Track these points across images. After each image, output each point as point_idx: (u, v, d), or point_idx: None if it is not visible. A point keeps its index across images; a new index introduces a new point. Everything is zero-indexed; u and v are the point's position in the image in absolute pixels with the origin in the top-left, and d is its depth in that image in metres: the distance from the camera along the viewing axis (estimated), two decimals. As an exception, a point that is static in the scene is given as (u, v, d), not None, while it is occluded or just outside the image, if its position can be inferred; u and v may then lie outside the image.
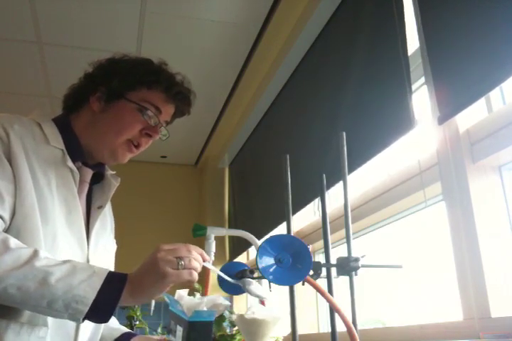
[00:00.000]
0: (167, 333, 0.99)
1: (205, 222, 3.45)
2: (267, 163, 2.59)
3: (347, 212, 0.90)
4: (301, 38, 2.10)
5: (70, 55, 2.46)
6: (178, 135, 3.48)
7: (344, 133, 0.95)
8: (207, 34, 2.34)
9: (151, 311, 2.92)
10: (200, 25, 2.27)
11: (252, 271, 1.07)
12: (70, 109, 1.17)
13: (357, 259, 0.86)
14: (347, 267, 0.86)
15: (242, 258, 3.14)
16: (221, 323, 1.84)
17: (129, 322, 2.24)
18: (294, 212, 1.94)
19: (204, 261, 0.91)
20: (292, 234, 0.95)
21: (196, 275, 0.89)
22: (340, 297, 0.93)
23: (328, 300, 0.82)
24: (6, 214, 0.94)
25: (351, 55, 1.72)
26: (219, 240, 1.06)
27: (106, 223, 1.22)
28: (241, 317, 0.97)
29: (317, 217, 2.34)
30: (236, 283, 0.94)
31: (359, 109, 1.62)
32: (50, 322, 0.98)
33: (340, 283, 0.92)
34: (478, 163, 1.23)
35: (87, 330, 1.09)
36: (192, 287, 0.88)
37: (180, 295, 0.90)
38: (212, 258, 1.01)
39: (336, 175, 1.00)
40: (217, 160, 3.64)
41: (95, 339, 1.13)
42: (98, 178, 1.20)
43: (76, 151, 1.11)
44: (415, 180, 1.47)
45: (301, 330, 1.89)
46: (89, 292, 0.85)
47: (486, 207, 1.20)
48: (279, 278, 0.78)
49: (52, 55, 2.48)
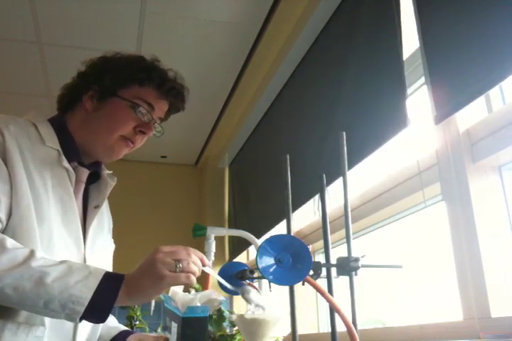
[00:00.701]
0: (163, 330, 0.99)
1: (205, 222, 3.45)
2: (267, 163, 2.59)
3: (347, 212, 0.90)
4: (300, 38, 2.10)
5: (70, 55, 2.46)
6: (178, 135, 3.48)
7: (344, 133, 0.95)
8: (207, 34, 2.34)
9: (151, 311, 2.92)
10: (200, 25, 2.27)
11: (252, 271, 1.07)
12: (64, 109, 1.18)
13: (357, 259, 0.86)
14: (347, 267, 0.86)
15: (242, 258, 3.14)
16: (221, 323, 1.84)
17: (129, 322, 2.24)
18: (293, 210, 1.94)
19: (204, 265, 0.91)
20: (292, 234, 0.95)
21: (194, 279, 0.88)
22: (340, 297, 0.93)
23: (328, 300, 0.82)
24: (3, 215, 0.95)
25: (349, 55, 1.72)
26: (218, 240, 1.06)
27: (103, 222, 1.22)
28: (241, 317, 0.97)
29: (317, 217, 2.34)
30: (235, 290, 0.94)
31: (356, 108, 1.62)
32: (47, 322, 0.98)
33: (340, 283, 0.92)
34: (478, 163, 1.23)
35: (85, 330, 1.09)
36: (189, 287, 0.88)
37: (174, 291, 0.90)
38: (212, 258, 1.01)
39: (335, 174, 1.00)
40: (217, 160, 3.64)
41: (93, 339, 1.14)
42: (95, 178, 1.20)
43: (72, 151, 1.11)
44: (415, 180, 1.47)
45: (301, 330, 1.89)
46: (85, 292, 0.85)
47: (486, 207, 1.20)
48: (279, 278, 0.78)
49: (52, 55, 2.48)
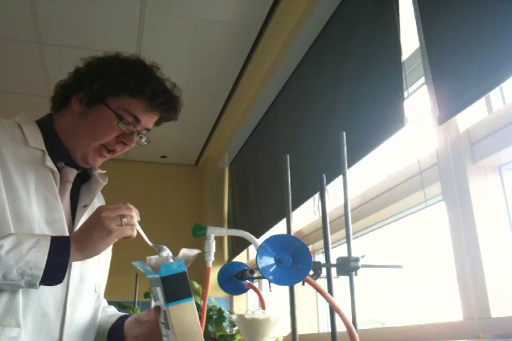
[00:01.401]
0: (154, 300, 1.00)
1: (205, 222, 3.45)
2: (267, 162, 2.59)
3: (347, 212, 0.90)
4: (300, 38, 2.10)
5: (70, 55, 2.46)
6: (178, 135, 3.48)
7: (344, 134, 0.95)
8: (207, 34, 2.34)
9: (151, 311, 2.91)
10: (200, 25, 2.27)
11: (252, 271, 1.07)
12: (55, 108, 1.18)
13: (357, 259, 0.86)
14: (347, 267, 0.86)
15: (242, 258, 3.15)
16: (221, 323, 1.84)
17: (129, 322, 2.24)
18: (292, 209, 1.94)
19: (162, 252, 0.96)
20: (292, 234, 0.95)
21: (136, 230, 0.96)
22: (340, 297, 0.93)
23: (328, 300, 0.82)
24: None
25: (349, 55, 1.72)
26: (218, 240, 1.06)
27: None
28: (241, 317, 0.97)
29: (317, 217, 2.34)
30: (153, 246, 0.97)
31: (355, 108, 1.62)
32: (25, 323, 0.97)
33: (340, 283, 0.92)
34: (478, 163, 1.23)
35: (73, 331, 1.07)
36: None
37: (148, 258, 0.93)
38: (212, 258, 1.01)
39: (334, 173, 1.00)
40: (217, 160, 3.64)
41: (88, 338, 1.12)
42: (87, 178, 1.20)
43: (58, 151, 1.11)
44: (415, 180, 1.47)
45: (301, 330, 1.89)
46: (39, 256, 0.89)
47: (486, 207, 1.20)
48: (279, 278, 0.78)
49: (52, 55, 2.48)
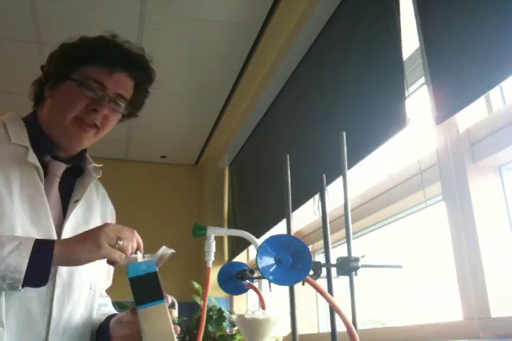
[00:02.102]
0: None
1: (205, 222, 3.45)
2: (267, 163, 2.59)
3: (347, 212, 0.90)
4: (300, 38, 2.10)
5: (70, 55, 2.46)
6: (178, 135, 3.48)
7: (344, 134, 0.95)
8: (207, 34, 2.34)
9: (151, 311, 2.91)
10: (200, 25, 2.27)
11: (252, 271, 1.07)
12: (36, 104, 1.18)
13: (357, 259, 0.86)
14: (347, 267, 0.86)
15: (242, 258, 3.15)
16: (221, 323, 1.84)
17: (129, 322, 2.24)
18: (293, 209, 1.94)
19: (136, 251, 0.97)
20: (292, 234, 0.95)
21: (123, 258, 0.94)
22: (340, 297, 0.93)
23: (328, 300, 0.82)
24: None
25: (349, 54, 1.72)
26: (218, 240, 1.06)
27: (89, 216, 1.18)
28: (241, 317, 0.97)
29: (317, 217, 2.34)
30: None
31: (356, 107, 1.62)
32: (9, 323, 0.96)
33: (340, 283, 0.92)
34: (478, 163, 1.23)
35: (62, 330, 1.06)
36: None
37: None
38: (212, 258, 1.01)
39: (334, 173, 1.00)
40: (217, 160, 3.64)
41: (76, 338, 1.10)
42: (81, 172, 1.18)
43: (43, 145, 1.10)
44: (415, 180, 1.48)
45: (301, 330, 1.89)
46: (19, 260, 0.88)
47: (486, 207, 1.20)
48: (279, 278, 0.78)
49: (52, 55, 2.48)
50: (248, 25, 2.26)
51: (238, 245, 3.08)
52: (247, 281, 1.12)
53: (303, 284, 0.85)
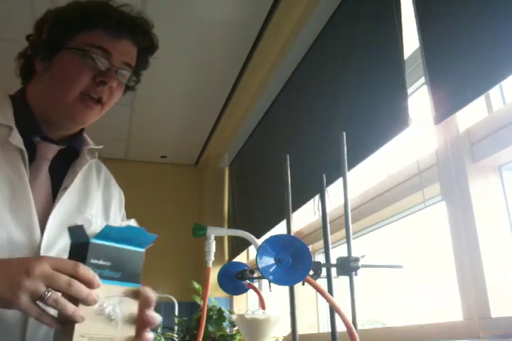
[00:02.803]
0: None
1: (205, 222, 3.44)
2: (267, 163, 2.59)
3: (347, 212, 0.90)
4: (301, 38, 2.10)
5: (70, 55, 2.46)
6: (178, 135, 3.48)
7: (344, 134, 0.95)
8: (207, 34, 2.34)
9: (151, 311, 2.91)
10: (200, 25, 2.27)
11: (252, 271, 1.07)
12: (24, 80, 1.06)
13: (357, 259, 0.86)
14: (347, 267, 0.86)
15: (242, 258, 3.15)
16: (221, 323, 1.84)
17: (129, 322, 2.24)
18: (293, 210, 1.94)
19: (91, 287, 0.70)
20: (292, 234, 0.95)
21: (47, 317, 0.69)
22: (340, 297, 0.93)
23: (328, 300, 0.82)
24: None
25: (350, 54, 1.72)
26: (218, 240, 1.06)
27: (84, 205, 1.04)
28: (241, 317, 0.97)
29: (317, 217, 2.34)
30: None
31: (357, 108, 1.62)
32: None
33: (340, 283, 0.92)
34: (478, 163, 1.23)
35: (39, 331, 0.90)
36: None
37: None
38: (212, 258, 1.01)
39: (335, 173, 1.01)
40: (217, 160, 3.64)
41: None
42: (76, 155, 1.05)
43: (30, 125, 0.97)
44: (415, 180, 1.47)
45: (301, 330, 1.89)
46: None
47: (486, 207, 1.20)
48: (279, 278, 0.78)
49: (52, 55, 2.48)
50: (248, 25, 2.26)
51: (238, 245, 3.08)
52: (247, 281, 1.12)
53: (303, 284, 0.85)
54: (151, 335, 0.79)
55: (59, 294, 0.68)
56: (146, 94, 2.88)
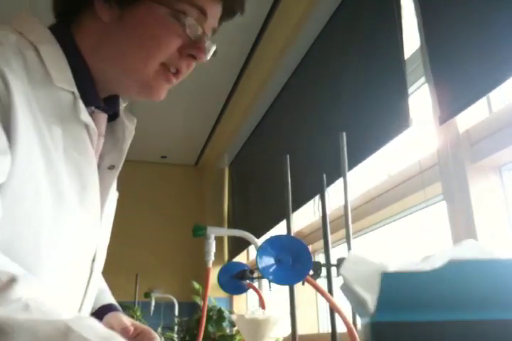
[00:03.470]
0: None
1: (205, 222, 3.45)
2: (267, 163, 2.59)
3: (347, 212, 0.90)
4: (301, 38, 2.10)
5: (70, 55, 2.46)
6: (178, 135, 3.48)
7: (344, 134, 0.95)
8: (207, 34, 2.34)
9: (151, 311, 2.92)
10: (200, 25, 2.27)
11: (252, 271, 1.07)
12: (66, 17, 0.80)
13: (357, 259, 0.86)
14: (347, 267, 0.86)
15: (242, 258, 3.15)
16: (221, 323, 1.84)
17: (129, 322, 2.24)
18: (293, 210, 1.94)
19: None
20: (292, 234, 0.95)
21: None
22: (341, 297, 0.93)
23: (328, 300, 0.82)
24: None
25: (350, 54, 1.72)
26: (218, 240, 1.06)
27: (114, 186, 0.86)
28: (241, 317, 0.97)
29: (317, 217, 2.34)
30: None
31: (357, 108, 1.62)
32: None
33: (340, 283, 0.92)
34: (478, 163, 1.23)
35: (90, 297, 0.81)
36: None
37: None
38: (212, 258, 1.01)
39: (335, 174, 1.01)
40: (217, 160, 3.64)
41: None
42: (109, 118, 0.81)
43: (90, 91, 0.75)
44: (415, 180, 1.48)
45: (301, 330, 1.89)
46: None
47: (486, 207, 1.20)
48: (279, 278, 0.78)
49: (52, 55, 2.48)
50: (248, 25, 2.26)
51: (238, 245, 3.08)
52: (247, 281, 1.12)
53: (303, 284, 0.85)
54: None
55: None
56: (146, 94, 2.89)
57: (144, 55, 0.74)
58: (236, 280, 1.11)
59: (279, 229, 2.36)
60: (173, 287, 3.42)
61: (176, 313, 3.10)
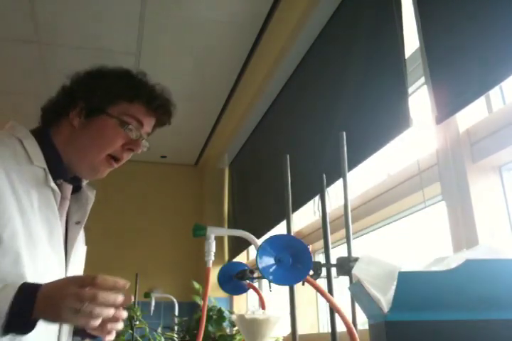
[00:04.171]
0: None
1: (205, 222, 3.45)
2: (267, 163, 2.59)
3: (347, 212, 0.90)
4: (301, 38, 2.10)
5: (70, 55, 2.46)
6: (178, 135, 3.48)
7: (344, 133, 0.95)
8: (207, 34, 2.34)
9: (151, 311, 2.92)
10: (200, 25, 2.27)
11: (252, 271, 1.07)
12: (48, 123, 1.14)
13: (357, 259, 0.86)
14: (347, 267, 0.86)
15: (242, 258, 3.15)
16: (221, 323, 1.84)
17: (128, 322, 2.24)
18: (293, 210, 1.94)
19: (117, 306, 0.88)
20: (292, 234, 0.95)
21: (94, 322, 0.83)
22: (340, 297, 0.93)
23: (328, 300, 0.82)
24: None
25: (350, 55, 1.72)
26: (218, 240, 1.06)
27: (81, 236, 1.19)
28: (241, 317, 0.97)
29: (317, 217, 2.34)
30: None
31: (357, 108, 1.62)
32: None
33: (340, 283, 0.92)
34: (478, 163, 1.23)
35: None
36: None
37: None
38: (212, 258, 1.01)
39: (335, 174, 1.01)
40: (217, 160, 3.64)
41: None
42: (74, 189, 1.16)
43: (58, 169, 1.08)
44: (415, 180, 1.48)
45: (301, 330, 1.89)
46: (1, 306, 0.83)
47: (486, 207, 1.20)
48: (279, 278, 0.78)
49: (52, 55, 2.48)
50: (248, 25, 2.26)
51: (238, 245, 3.08)
52: (247, 281, 1.12)
53: (303, 284, 0.85)
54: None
55: (92, 306, 0.82)
56: (146, 94, 2.89)
57: (98, 149, 1.09)
58: (236, 280, 1.11)
59: (279, 229, 2.36)
60: (173, 287, 3.42)
61: (176, 313, 3.10)
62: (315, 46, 2.10)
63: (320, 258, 2.33)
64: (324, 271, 0.90)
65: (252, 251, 3.21)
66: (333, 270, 0.90)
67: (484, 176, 1.24)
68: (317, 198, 2.09)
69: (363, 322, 1.91)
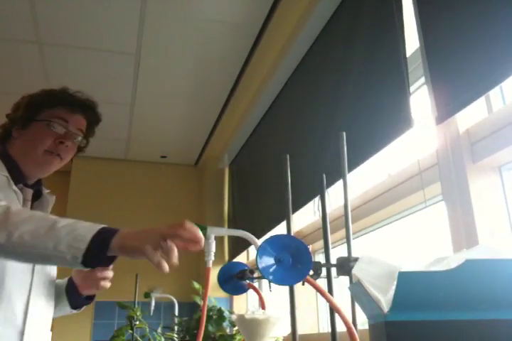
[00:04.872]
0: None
1: (205, 222, 3.45)
2: (267, 163, 2.59)
3: (347, 212, 0.90)
4: (301, 38, 2.10)
5: (70, 55, 2.46)
6: (178, 135, 3.48)
7: (344, 134, 0.95)
8: (207, 34, 2.34)
9: (151, 311, 2.92)
10: (200, 25, 2.27)
11: (252, 271, 1.07)
12: (4, 140, 1.38)
13: (357, 259, 0.86)
14: (347, 267, 0.86)
15: (242, 258, 3.15)
16: (221, 323, 1.84)
17: (129, 322, 2.24)
18: (293, 211, 1.94)
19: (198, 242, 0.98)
20: (292, 234, 0.95)
21: (164, 266, 0.97)
22: (340, 297, 0.93)
23: (328, 300, 0.82)
24: None
25: (351, 55, 1.72)
26: (218, 240, 1.06)
27: None
28: (241, 317, 0.97)
29: (317, 217, 2.34)
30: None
31: (358, 108, 1.62)
32: None
33: (340, 283, 0.92)
34: (478, 163, 1.23)
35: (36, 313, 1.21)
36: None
37: None
38: (212, 258, 1.01)
39: (336, 174, 1.01)
40: (217, 160, 3.64)
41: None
42: (37, 196, 1.37)
43: (17, 175, 1.29)
44: (415, 180, 1.48)
45: (301, 330, 1.89)
46: (87, 232, 0.96)
47: (486, 207, 1.20)
48: (279, 278, 0.78)
49: (52, 55, 2.48)
50: (248, 25, 2.26)
51: (238, 245, 3.08)
52: (247, 281, 1.12)
53: (303, 284, 0.85)
54: None
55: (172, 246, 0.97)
56: (146, 94, 2.89)
57: (33, 147, 1.31)
58: (236, 280, 1.11)
59: (279, 230, 2.36)
60: (173, 287, 3.42)
61: (176, 313, 3.10)
62: (315, 46, 2.10)
63: (320, 258, 2.33)
64: (324, 271, 0.90)
65: (252, 251, 3.21)
66: (333, 270, 0.90)
67: (484, 176, 1.24)
68: (317, 198, 2.09)
69: (363, 322, 1.91)
